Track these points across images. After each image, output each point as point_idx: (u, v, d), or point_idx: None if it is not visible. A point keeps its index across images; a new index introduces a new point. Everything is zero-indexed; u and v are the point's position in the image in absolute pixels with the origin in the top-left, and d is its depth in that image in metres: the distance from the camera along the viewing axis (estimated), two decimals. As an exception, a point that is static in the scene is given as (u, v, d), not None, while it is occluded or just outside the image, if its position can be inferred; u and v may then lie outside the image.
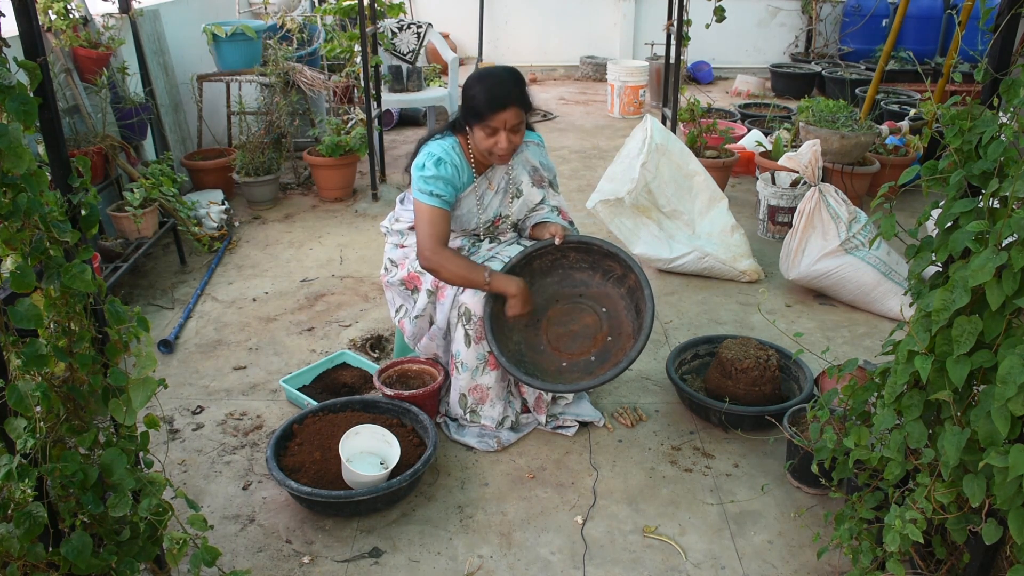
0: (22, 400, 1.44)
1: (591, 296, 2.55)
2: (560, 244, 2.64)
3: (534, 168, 2.77)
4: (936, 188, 1.76)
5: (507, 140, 2.53)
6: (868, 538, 1.91)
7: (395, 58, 6.33)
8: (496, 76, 2.54)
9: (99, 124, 4.00)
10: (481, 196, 2.71)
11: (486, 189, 2.72)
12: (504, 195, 2.75)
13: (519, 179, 2.75)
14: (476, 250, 2.76)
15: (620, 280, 2.52)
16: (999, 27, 1.68)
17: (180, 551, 1.79)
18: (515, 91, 2.51)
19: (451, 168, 2.60)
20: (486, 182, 2.72)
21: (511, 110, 2.49)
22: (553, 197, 2.86)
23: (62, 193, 1.61)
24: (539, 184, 2.79)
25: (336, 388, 3.00)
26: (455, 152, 2.63)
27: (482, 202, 2.72)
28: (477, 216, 2.73)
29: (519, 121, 2.53)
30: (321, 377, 3.07)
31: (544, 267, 2.68)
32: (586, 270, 2.61)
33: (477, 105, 2.50)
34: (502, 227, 2.81)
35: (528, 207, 2.80)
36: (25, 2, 1.54)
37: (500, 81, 2.52)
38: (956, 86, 6.67)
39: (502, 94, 2.49)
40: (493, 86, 2.51)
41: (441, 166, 2.59)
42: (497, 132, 2.52)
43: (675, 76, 5.05)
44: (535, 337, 2.48)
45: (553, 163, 2.89)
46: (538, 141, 2.82)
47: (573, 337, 2.46)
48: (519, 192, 2.76)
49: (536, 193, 2.78)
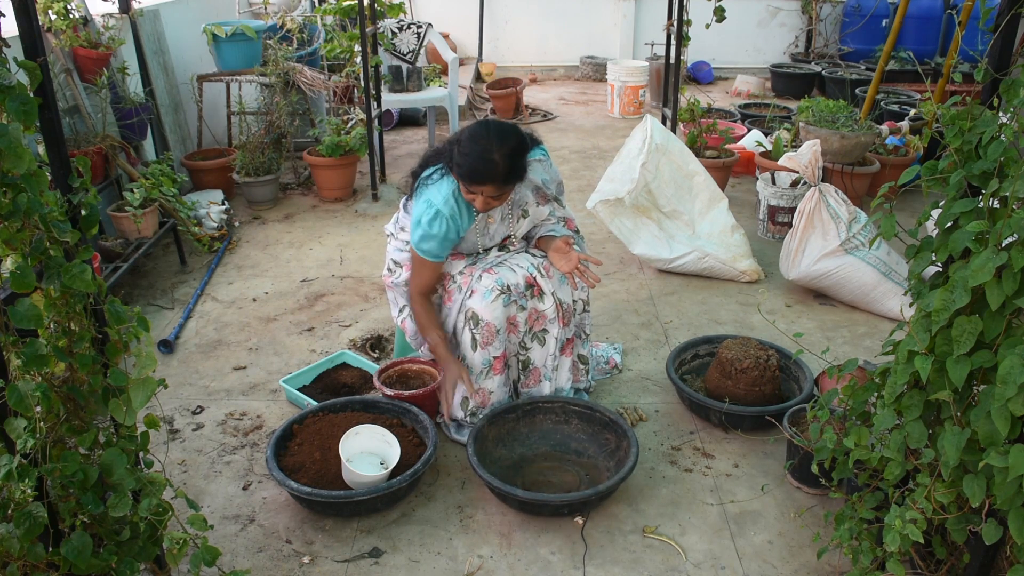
0: (22, 400, 1.44)
1: (579, 464, 2.60)
2: (565, 405, 2.68)
3: (537, 187, 2.73)
4: (936, 188, 1.76)
5: (484, 204, 2.49)
6: (868, 538, 1.91)
7: (395, 58, 6.33)
8: (485, 149, 2.39)
9: (99, 124, 4.00)
10: (484, 229, 2.71)
11: (487, 223, 2.70)
12: (511, 219, 2.73)
13: (524, 200, 2.71)
14: (484, 255, 2.76)
15: (612, 453, 2.56)
16: (999, 27, 1.68)
17: (180, 551, 1.79)
18: (501, 171, 2.39)
19: (448, 222, 2.54)
20: (486, 217, 2.69)
21: (491, 187, 2.43)
22: (559, 210, 2.85)
23: (62, 193, 1.61)
24: (544, 201, 2.76)
25: (336, 388, 3.00)
26: (454, 199, 2.55)
27: (486, 233, 2.72)
28: (484, 243, 2.74)
29: (500, 193, 2.48)
30: (321, 377, 3.07)
31: (547, 427, 2.69)
32: (583, 442, 2.65)
33: (460, 169, 2.44)
34: (512, 244, 2.81)
35: (536, 222, 2.80)
36: (25, 2, 1.54)
37: (486, 158, 2.38)
38: (956, 86, 6.67)
39: (484, 171, 2.40)
40: (477, 160, 2.39)
41: (436, 223, 2.53)
42: (476, 195, 2.47)
43: (675, 76, 5.05)
44: (512, 477, 2.51)
45: (558, 172, 2.87)
46: (541, 157, 2.74)
47: (548, 487, 2.50)
48: (525, 212, 2.73)
49: (543, 210, 2.77)
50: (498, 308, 2.61)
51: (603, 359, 3.17)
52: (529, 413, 2.69)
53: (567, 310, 2.74)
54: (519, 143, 2.46)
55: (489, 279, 2.64)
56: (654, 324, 3.53)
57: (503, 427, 2.64)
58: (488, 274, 2.65)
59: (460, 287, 2.67)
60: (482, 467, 2.37)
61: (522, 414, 2.68)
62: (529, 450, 2.64)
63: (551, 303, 2.68)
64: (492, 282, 2.63)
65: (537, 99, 7.88)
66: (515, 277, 2.67)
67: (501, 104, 7.20)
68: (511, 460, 2.60)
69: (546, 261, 2.73)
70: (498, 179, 2.42)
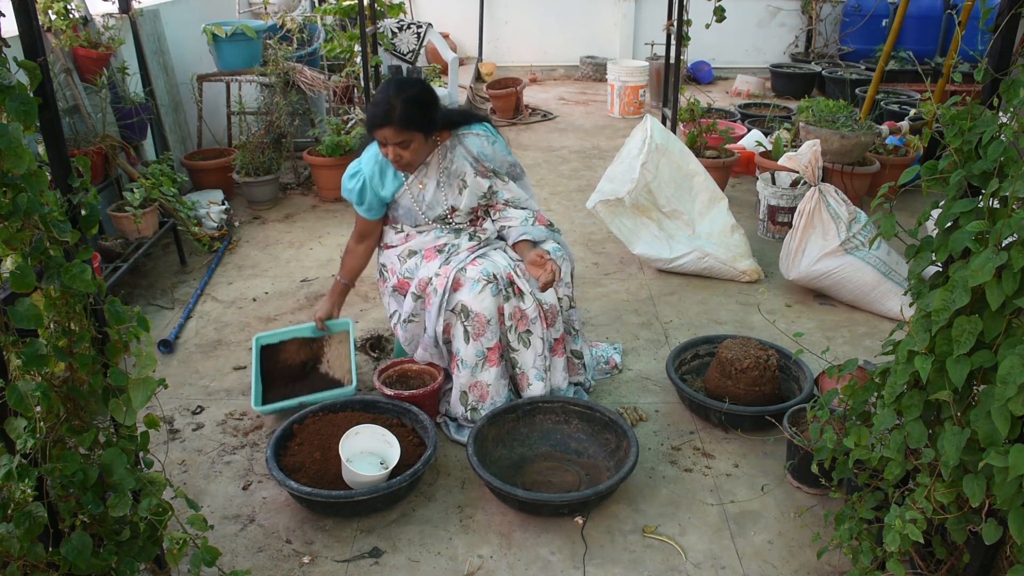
0: (22, 400, 1.44)
1: (579, 464, 2.59)
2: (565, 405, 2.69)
3: (475, 159, 2.75)
4: (936, 188, 1.76)
5: (394, 153, 2.59)
6: (868, 538, 1.91)
7: (395, 58, 6.33)
8: (383, 94, 2.55)
9: (99, 124, 4.00)
10: (417, 196, 2.76)
11: (419, 190, 2.75)
12: (450, 189, 2.76)
13: (462, 171, 2.75)
14: (456, 250, 2.75)
15: (612, 453, 2.56)
16: (999, 27, 1.68)
17: (180, 551, 1.79)
18: (397, 114, 2.50)
19: (366, 180, 2.74)
20: (418, 183, 2.75)
21: (387, 129, 2.53)
22: (506, 189, 2.81)
23: (62, 193, 1.61)
24: (484, 175, 2.77)
25: (289, 367, 2.99)
26: (381, 157, 2.69)
27: (420, 200, 2.76)
28: (422, 212, 2.78)
29: (402, 139, 2.55)
30: (289, 344, 3.02)
31: (547, 427, 2.69)
32: (583, 442, 2.65)
33: (365, 119, 2.56)
34: (459, 218, 2.81)
35: (478, 196, 2.79)
36: (25, 2, 1.54)
37: (379, 100, 2.55)
38: (956, 86, 6.66)
39: (380, 114, 2.52)
40: (376, 105, 2.55)
41: (355, 180, 2.75)
42: (385, 145, 2.58)
43: (675, 76, 5.05)
44: (512, 477, 2.51)
45: (507, 153, 2.83)
46: (481, 131, 2.78)
47: (548, 487, 2.50)
48: (464, 183, 2.76)
49: (482, 183, 2.77)
50: (487, 298, 2.61)
51: (603, 359, 3.17)
52: (529, 413, 2.69)
53: (549, 310, 2.74)
54: (421, 92, 2.58)
55: (475, 270, 2.64)
56: (654, 324, 3.53)
57: (503, 427, 2.64)
58: (473, 266, 2.65)
59: (436, 289, 2.65)
60: (482, 467, 2.37)
61: (522, 414, 2.68)
62: (529, 450, 2.64)
63: (531, 302, 2.68)
64: (478, 273, 2.63)
65: (537, 99, 7.88)
66: (499, 269, 2.67)
67: (501, 104, 7.19)
68: (511, 460, 2.60)
69: (522, 264, 2.73)
70: (394, 121, 2.51)
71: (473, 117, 2.83)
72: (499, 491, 2.35)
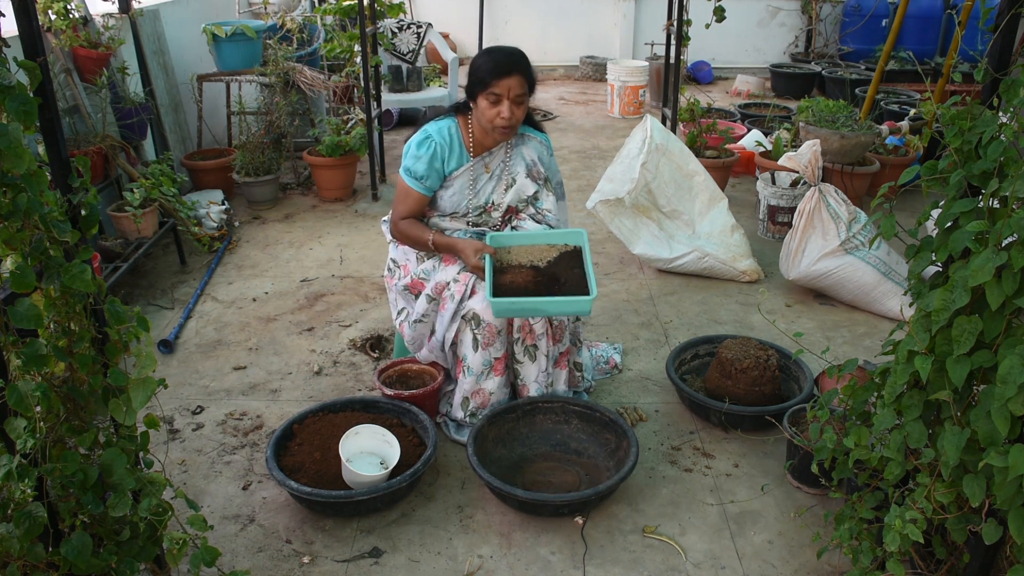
0: (22, 400, 1.44)
1: (579, 464, 2.59)
2: (565, 405, 2.68)
3: (533, 162, 2.79)
4: (936, 188, 1.76)
5: (509, 110, 2.56)
6: (868, 538, 1.91)
7: (395, 58, 6.33)
8: (503, 48, 2.62)
9: (99, 124, 4.00)
10: (475, 179, 2.73)
11: (482, 172, 2.74)
12: (499, 182, 2.76)
13: (515, 169, 2.77)
14: None
15: (612, 453, 2.56)
16: (999, 27, 1.68)
17: (180, 551, 1.79)
18: (521, 61, 2.57)
19: (437, 148, 2.65)
20: (482, 165, 2.74)
21: (515, 77, 2.53)
22: (548, 199, 2.84)
23: (62, 193, 1.61)
24: (534, 178, 2.79)
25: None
26: (449, 132, 2.68)
27: (475, 185, 2.74)
28: (468, 199, 2.74)
29: (522, 92, 2.57)
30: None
31: (547, 427, 2.69)
32: (583, 442, 2.65)
33: (483, 74, 2.54)
34: (493, 216, 2.80)
35: (520, 197, 2.80)
36: (25, 2, 1.54)
37: (507, 52, 2.59)
38: (956, 86, 6.67)
39: (508, 61, 2.54)
40: (499, 55, 2.57)
41: (425, 146, 2.64)
42: (500, 101, 2.55)
43: (675, 76, 5.05)
44: (512, 477, 2.51)
45: (558, 169, 2.92)
46: (543, 140, 2.85)
47: (548, 487, 2.50)
48: (513, 181, 2.77)
49: (530, 185, 2.79)
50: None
51: (603, 359, 3.17)
52: (529, 413, 2.69)
53: (558, 327, 2.72)
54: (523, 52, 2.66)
55: None
56: (654, 324, 3.53)
57: (503, 427, 2.64)
58: None
59: (453, 295, 2.64)
60: (482, 467, 2.37)
61: (522, 414, 2.68)
62: (529, 450, 2.64)
63: (541, 318, 2.67)
64: None
65: (537, 99, 7.88)
66: None
67: (501, 104, 7.19)
68: (511, 460, 2.60)
69: None
70: (519, 68, 2.54)
71: (540, 126, 2.89)
72: (499, 491, 2.35)
